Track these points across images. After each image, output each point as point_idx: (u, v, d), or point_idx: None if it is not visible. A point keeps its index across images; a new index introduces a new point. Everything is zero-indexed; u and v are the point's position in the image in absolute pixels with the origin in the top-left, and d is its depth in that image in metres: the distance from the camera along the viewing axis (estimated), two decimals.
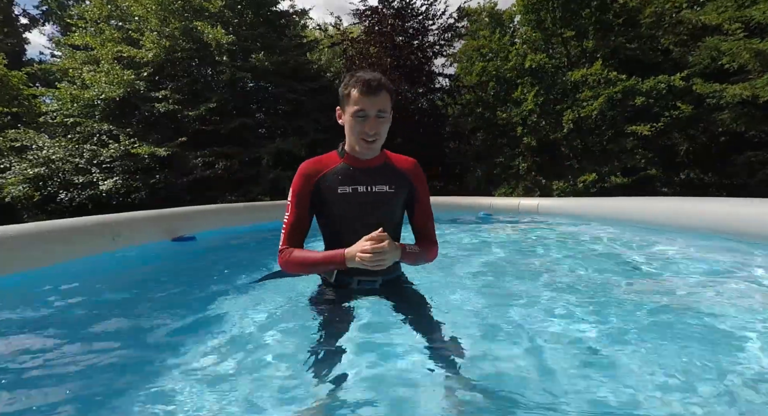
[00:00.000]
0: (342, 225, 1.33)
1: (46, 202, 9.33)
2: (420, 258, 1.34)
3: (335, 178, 1.31)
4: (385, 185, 1.33)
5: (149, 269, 2.56)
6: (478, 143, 12.18)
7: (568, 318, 1.42)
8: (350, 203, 1.30)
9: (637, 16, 9.89)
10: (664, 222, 3.31)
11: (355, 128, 1.25)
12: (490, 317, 1.43)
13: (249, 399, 0.92)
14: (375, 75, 1.24)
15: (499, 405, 0.90)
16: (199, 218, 3.86)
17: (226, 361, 1.13)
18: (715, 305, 1.51)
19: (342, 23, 13.73)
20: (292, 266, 1.28)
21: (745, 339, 1.20)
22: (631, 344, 1.20)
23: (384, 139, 1.32)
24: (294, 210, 1.32)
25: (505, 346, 1.20)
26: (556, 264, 2.38)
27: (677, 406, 0.88)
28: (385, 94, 1.24)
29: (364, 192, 1.31)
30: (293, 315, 1.42)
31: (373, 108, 1.22)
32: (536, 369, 1.06)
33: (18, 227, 2.22)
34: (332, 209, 1.32)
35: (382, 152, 1.39)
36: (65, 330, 1.47)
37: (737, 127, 8.00)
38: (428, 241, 1.40)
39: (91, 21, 10.58)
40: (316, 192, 1.32)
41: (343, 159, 1.35)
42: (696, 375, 1.01)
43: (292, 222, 1.31)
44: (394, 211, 1.37)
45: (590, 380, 1.00)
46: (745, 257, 2.24)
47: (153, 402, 0.93)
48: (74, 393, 1.00)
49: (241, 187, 9.97)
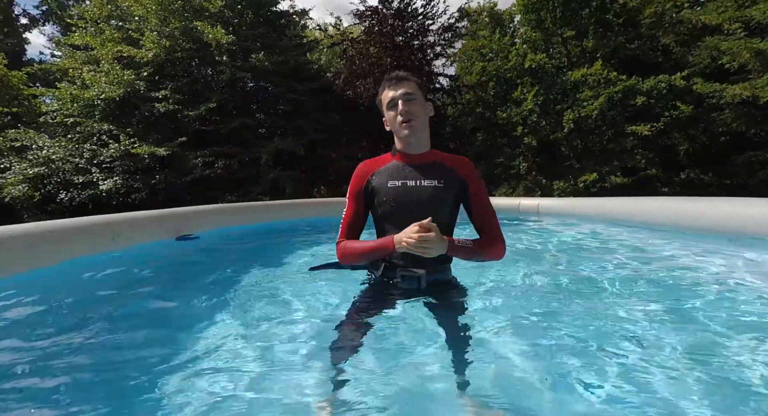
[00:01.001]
0: (392, 218, 1.35)
1: (46, 202, 9.33)
2: (476, 254, 1.32)
3: (386, 174, 1.39)
4: (434, 180, 1.36)
5: (149, 269, 2.55)
6: (478, 143, 12.18)
7: (573, 320, 1.42)
8: (400, 196, 1.35)
9: (637, 16, 9.90)
10: (664, 222, 3.31)
11: (393, 117, 1.34)
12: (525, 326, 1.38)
13: (256, 395, 0.92)
14: (398, 71, 1.38)
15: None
16: (199, 218, 3.85)
17: (229, 359, 1.13)
18: (734, 305, 1.51)
19: (342, 23, 13.72)
20: (348, 256, 1.35)
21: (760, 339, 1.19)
22: (642, 346, 1.20)
23: (425, 123, 1.38)
24: (350, 205, 1.41)
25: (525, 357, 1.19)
26: (566, 264, 2.38)
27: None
28: (409, 82, 1.35)
29: (414, 186, 1.36)
30: (307, 316, 1.42)
31: (400, 93, 1.32)
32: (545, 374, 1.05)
33: (18, 227, 2.22)
34: (383, 203, 1.36)
35: (432, 151, 1.43)
36: (66, 330, 1.46)
37: (737, 126, 8.01)
38: (490, 237, 1.38)
39: (91, 21, 10.58)
40: (368, 187, 1.40)
41: (395, 157, 1.43)
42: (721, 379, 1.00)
43: (347, 217, 1.41)
44: (444, 206, 1.37)
45: (607, 388, 0.99)
46: (736, 255, 2.24)
47: (153, 401, 0.93)
48: (75, 394, 1.00)
49: (241, 187, 9.98)
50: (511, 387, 0.99)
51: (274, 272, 2.29)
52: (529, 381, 1.00)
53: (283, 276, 2.11)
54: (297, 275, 2.11)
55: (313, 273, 1.83)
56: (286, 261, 2.60)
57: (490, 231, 1.38)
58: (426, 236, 1.18)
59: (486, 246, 1.33)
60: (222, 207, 4.63)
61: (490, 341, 1.20)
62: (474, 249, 1.30)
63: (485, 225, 1.39)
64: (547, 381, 0.99)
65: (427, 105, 1.38)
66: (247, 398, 0.93)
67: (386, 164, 1.42)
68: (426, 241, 1.18)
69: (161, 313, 1.69)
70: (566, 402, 0.91)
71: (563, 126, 9.66)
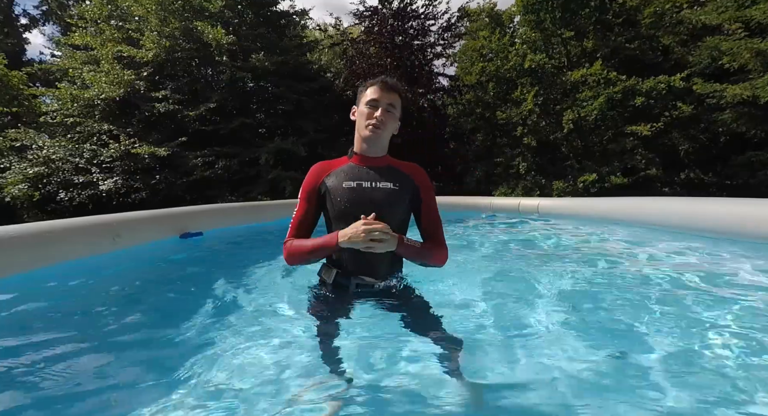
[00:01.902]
0: (346, 219, 1.34)
1: (46, 202, 9.34)
2: (422, 256, 1.34)
3: (341, 175, 1.39)
4: (389, 182, 1.38)
5: (150, 269, 2.56)
6: (478, 143, 12.18)
7: (576, 320, 1.42)
8: (354, 197, 1.34)
9: (636, 16, 9.89)
10: (664, 221, 3.31)
11: (366, 114, 1.35)
12: (498, 319, 1.42)
13: (243, 396, 0.92)
14: (393, 79, 1.40)
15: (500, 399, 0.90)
16: (200, 217, 3.85)
17: (228, 360, 1.13)
18: (737, 304, 1.51)
19: (342, 24, 13.73)
20: (294, 255, 1.33)
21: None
22: (641, 346, 1.20)
23: (389, 134, 1.40)
24: (301, 205, 1.41)
25: (516, 351, 1.19)
26: (565, 264, 2.38)
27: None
28: (397, 95, 1.38)
29: (369, 187, 1.36)
30: (296, 316, 1.42)
31: (385, 100, 1.35)
32: (547, 374, 1.05)
33: (18, 227, 2.22)
34: (337, 203, 1.36)
35: (388, 156, 1.46)
36: (66, 330, 1.47)
37: (738, 127, 8.00)
38: (436, 243, 1.41)
39: (91, 21, 10.59)
40: (322, 188, 1.39)
41: (351, 159, 1.44)
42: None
43: (298, 216, 1.40)
44: (398, 209, 1.38)
45: (605, 386, 0.99)
46: (718, 251, 2.24)
47: (151, 400, 0.93)
48: (75, 393, 1.00)
49: (241, 187, 9.98)
50: (501, 382, 0.99)
51: (275, 270, 2.29)
52: (517, 374, 1.00)
53: (283, 275, 2.11)
54: (299, 272, 2.11)
55: (291, 268, 1.80)
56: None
57: (436, 237, 1.42)
58: (373, 227, 1.20)
59: (433, 250, 1.37)
60: (222, 206, 4.64)
61: (475, 343, 1.20)
62: (421, 250, 1.33)
63: (432, 231, 1.43)
64: (536, 373, 0.99)
65: (398, 123, 1.42)
66: (248, 397, 0.93)
67: (342, 165, 1.42)
68: (373, 233, 1.19)
69: (161, 313, 1.69)
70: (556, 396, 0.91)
71: (563, 126, 9.66)
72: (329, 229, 1.43)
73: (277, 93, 10.90)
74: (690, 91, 8.27)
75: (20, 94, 10.97)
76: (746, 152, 8.34)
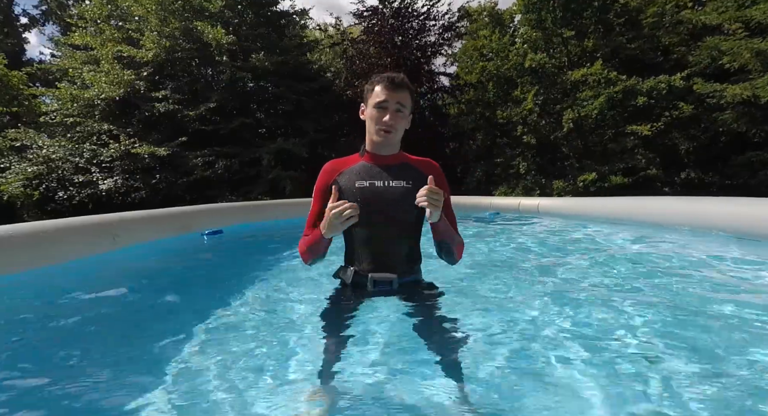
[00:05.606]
0: (360, 218, 1.31)
1: (46, 202, 9.35)
2: (452, 239, 1.33)
3: (354, 174, 1.37)
4: (403, 181, 1.36)
5: (150, 269, 2.56)
6: (478, 143, 12.18)
7: (577, 319, 1.42)
8: (367, 196, 1.33)
9: (638, 16, 9.90)
10: (664, 221, 3.31)
11: (375, 118, 1.32)
12: (505, 319, 1.42)
13: (257, 393, 0.92)
14: (399, 74, 1.34)
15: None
16: (200, 217, 3.86)
17: (230, 358, 1.13)
18: (737, 301, 1.51)
19: (342, 23, 13.72)
20: (301, 253, 1.34)
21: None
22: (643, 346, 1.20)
23: (401, 135, 1.38)
24: (315, 203, 1.40)
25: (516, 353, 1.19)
26: (567, 264, 2.37)
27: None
28: (406, 92, 1.33)
29: (383, 186, 1.35)
30: (308, 314, 1.42)
31: (394, 100, 1.30)
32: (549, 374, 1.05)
33: (18, 227, 2.21)
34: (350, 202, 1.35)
35: (401, 153, 1.43)
36: (66, 330, 1.46)
37: (738, 127, 8.01)
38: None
39: (91, 21, 10.59)
40: (335, 186, 1.35)
41: (363, 158, 1.41)
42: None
43: (312, 215, 1.40)
44: (413, 207, 1.33)
45: (606, 387, 0.99)
46: (723, 250, 2.24)
47: (153, 401, 0.93)
48: (74, 393, 1.00)
49: (241, 187, 9.98)
50: (502, 385, 0.98)
51: (277, 269, 2.29)
52: (521, 379, 0.99)
53: (286, 273, 2.11)
54: (300, 272, 2.11)
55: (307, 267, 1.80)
56: (286, 258, 2.59)
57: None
58: (339, 209, 1.17)
59: (457, 238, 1.37)
60: (221, 206, 4.63)
61: (480, 341, 1.20)
62: (454, 234, 1.33)
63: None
64: (543, 379, 0.99)
65: (409, 118, 1.39)
66: (250, 396, 0.93)
67: (354, 164, 1.40)
68: (343, 213, 1.17)
69: (161, 312, 1.68)
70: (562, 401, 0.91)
71: (563, 126, 9.66)
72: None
73: (277, 93, 10.90)
74: (690, 91, 8.27)
75: (20, 94, 10.98)
76: (746, 152, 8.34)
